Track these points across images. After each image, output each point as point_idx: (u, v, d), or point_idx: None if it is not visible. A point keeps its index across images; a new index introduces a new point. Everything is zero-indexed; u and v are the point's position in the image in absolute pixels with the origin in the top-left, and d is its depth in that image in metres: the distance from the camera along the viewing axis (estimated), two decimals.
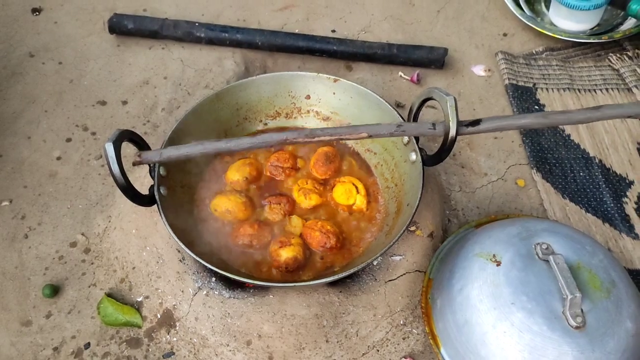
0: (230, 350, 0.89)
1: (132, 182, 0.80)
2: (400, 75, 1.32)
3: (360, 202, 0.99)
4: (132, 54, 1.35)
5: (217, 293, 0.92)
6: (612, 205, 1.09)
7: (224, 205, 0.96)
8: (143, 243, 0.99)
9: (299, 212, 0.99)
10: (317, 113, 1.10)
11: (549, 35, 1.35)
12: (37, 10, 1.45)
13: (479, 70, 1.33)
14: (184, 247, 0.84)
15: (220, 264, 0.89)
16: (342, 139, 0.83)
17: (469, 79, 1.32)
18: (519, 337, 0.77)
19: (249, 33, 1.32)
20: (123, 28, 1.35)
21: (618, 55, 1.32)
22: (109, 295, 0.97)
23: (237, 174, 1.00)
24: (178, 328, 0.93)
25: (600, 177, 1.13)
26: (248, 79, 1.07)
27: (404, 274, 0.95)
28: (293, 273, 0.91)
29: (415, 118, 0.92)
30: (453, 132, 0.79)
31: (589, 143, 1.19)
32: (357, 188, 1.00)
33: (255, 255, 0.93)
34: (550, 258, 0.80)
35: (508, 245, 0.85)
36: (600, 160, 1.16)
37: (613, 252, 1.04)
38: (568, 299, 0.76)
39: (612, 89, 1.27)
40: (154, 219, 0.99)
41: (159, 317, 0.95)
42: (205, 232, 0.96)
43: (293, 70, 1.27)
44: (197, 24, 1.34)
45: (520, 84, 1.29)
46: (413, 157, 0.95)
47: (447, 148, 0.82)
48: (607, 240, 1.05)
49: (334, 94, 1.08)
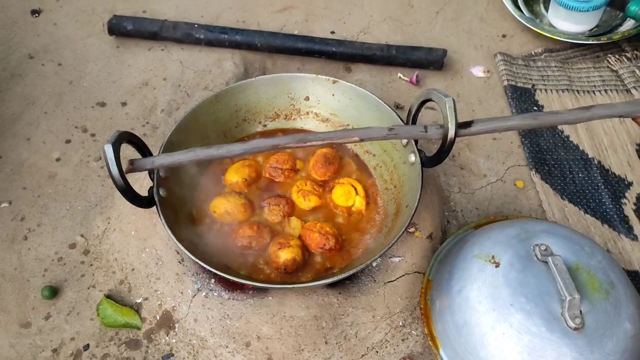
0: (230, 352, 0.89)
1: (131, 183, 0.80)
2: (400, 77, 1.32)
3: (359, 203, 0.99)
4: (131, 56, 1.35)
5: (216, 294, 0.92)
6: (611, 207, 1.09)
7: (223, 207, 0.96)
8: (142, 244, 0.99)
9: (298, 213, 0.99)
10: (316, 114, 1.10)
11: (548, 37, 1.35)
12: (36, 12, 1.45)
13: (478, 72, 1.33)
14: (183, 248, 0.84)
15: (219, 266, 0.89)
16: (334, 144, 0.82)
17: (468, 80, 1.32)
18: (518, 338, 0.77)
19: (248, 34, 1.32)
20: (122, 29, 1.35)
21: (617, 57, 1.32)
22: (108, 297, 0.97)
23: (236, 176, 1.01)
24: (177, 329, 0.93)
25: (599, 178, 1.13)
26: (247, 81, 1.07)
27: (403, 276, 0.95)
28: (292, 274, 0.91)
29: (414, 119, 0.92)
30: (452, 133, 0.80)
31: (588, 144, 1.19)
32: (356, 190, 1.00)
33: (255, 257, 0.93)
34: (549, 259, 0.80)
35: (507, 247, 0.85)
36: (599, 162, 1.16)
37: (612, 253, 1.04)
38: (567, 300, 0.76)
39: (610, 90, 1.27)
40: (153, 221, 0.99)
41: (158, 318, 0.95)
42: (205, 233, 0.96)
43: (292, 72, 1.27)
44: (196, 26, 1.34)
45: (519, 85, 1.29)
46: (412, 158, 0.95)
47: (446, 149, 0.83)
48: (606, 242, 1.05)
49: (333, 96, 1.08)
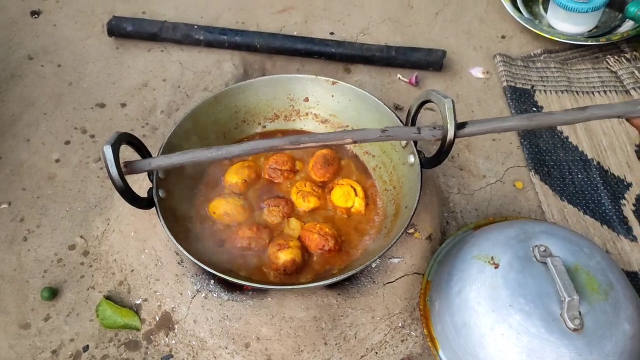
0: (229, 353, 0.89)
1: (130, 184, 0.80)
2: (399, 78, 1.32)
3: (359, 204, 0.99)
4: (131, 57, 1.35)
5: (215, 296, 0.92)
6: (610, 207, 1.09)
7: (223, 208, 0.96)
8: (142, 246, 0.99)
9: (298, 214, 0.99)
10: (315, 115, 1.11)
11: (547, 38, 1.35)
12: (36, 13, 1.45)
13: (477, 73, 1.33)
14: (183, 249, 0.84)
15: (219, 267, 0.88)
16: (327, 146, 0.82)
17: (467, 81, 1.32)
18: (517, 339, 0.77)
19: (248, 35, 1.32)
20: (122, 31, 1.35)
21: (616, 58, 1.32)
22: (108, 298, 0.97)
23: (235, 177, 1.01)
24: (177, 331, 0.93)
25: (599, 179, 1.14)
26: (247, 82, 1.07)
27: (402, 277, 0.95)
28: (291, 275, 0.91)
29: (414, 121, 0.92)
30: (451, 134, 0.80)
31: (587, 145, 1.19)
32: (355, 191, 1.00)
33: (254, 258, 0.93)
34: (548, 260, 0.80)
35: (506, 248, 0.85)
36: (599, 163, 1.16)
37: (611, 254, 1.04)
38: (566, 301, 0.76)
39: (610, 91, 1.27)
40: (153, 222, 0.99)
41: (158, 319, 0.95)
42: (204, 234, 0.96)
43: (292, 73, 1.27)
44: (196, 27, 1.34)
45: (519, 86, 1.29)
46: (411, 159, 0.95)
47: (445, 150, 0.83)
48: (605, 243, 1.05)
49: (333, 97, 1.08)
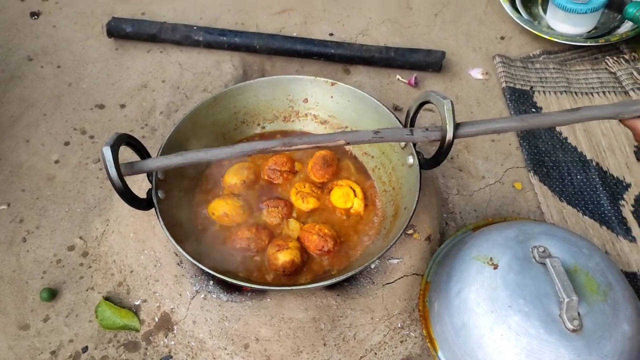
0: (228, 354, 0.89)
1: (129, 185, 0.80)
2: (398, 79, 1.32)
3: (358, 205, 0.99)
4: (130, 58, 1.36)
5: (214, 296, 0.92)
6: (609, 208, 1.09)
7: (222, 209, 0.96)
8: (141, 246, 0.99)
9: (297, 215, 0.99)
10: (314, 116, 1.11)
11: (546, 39, 1.35)
12: (35, 14, 1.45)
13: (477, 74, 1.34)
14: (182, 250, 0.84)
15: (218, 268, 0.88)
16: (319, 147, 0.83)
17: (467, 82, 1.32)
18: (516, 340, 0.77)
19: (247, 36, 1.32)
20: (121, 32, 1.36)
21: (615, 59, 1.32)
22: (107, 299, 0.97)
23: (234, 178, 1.01)
24: (176, 331, 0.93)
25: (598, 180, 1.14)
26: (246, 83, 1.07)
27: (402, 277, 0.95)
28: (290, 276, 0.91)
29: (413, 121, 0.92)
30: (450, 135, 0.80)
31: (586, 146, 1.19)
32: (354, 191, 1.00)
33: (253, 259, 0.93)
34: (547, 261, 0.80)
35: (505, 249, 0.85)
36: (598, 163, 1.16)
37: (610, 255, 1.04)
38: (565, 302, 0.76)
39: (609, 92, 1.28)
40: (152, 223, 0.99)
41: (157, 320, 0.95)
42: (203, 235, 0.96)
43: (291, 74, 1.27)
44: (195, 28, 1.34)
45: (518, 87, 1.29)
46: (410, 160, 0.95)
47: (444, 151, 0.83)
48: (604, 243, 1.05)
49: (332, 98, 1.08)
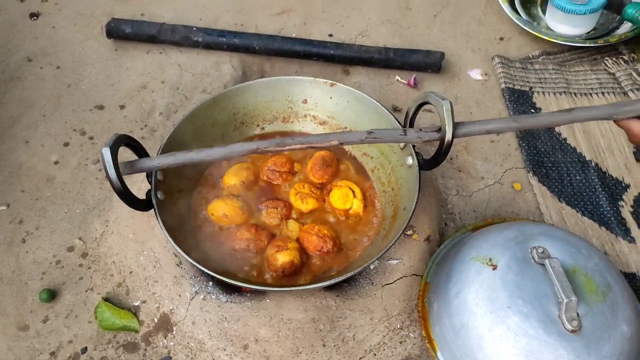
0: (227, 355, 0.89)
1: (129, 186, 0.80)
2: (397, 79, 1.32)
3: (357, 206, 0.99)
4: (129, 59, 1.36)
5: (214, 297, 0.92)
6: (608, 209, 1.10)
7: (221, 210, 0.96)
8: (140, 247, 0.99)
9: (296, 216, 0.99)
10: (314, 117, 1.11)
11: (545, 40, 1.35)
12: (35, 15, 1.45)
13: (476, 74, 1.34)
14: (181, 251, 0.84)
15: (217, 269, 0.88)
16: (312, 148, 0.83)
17: (466, 83, 1.33)
18: (515, 340, 0.77)
19: (247, 37, 1.33)
20: (121, 32, 1.36)
21: (614, 59, 1.33)
22: (106, 300, 0.97)
23: (234, 178, 1.01)
24: (175, 332, 0.93)
25: (597, 180, 1.14)
26: (245, 84, 1.07)
27: (401, 278, 0.96)
28: (290, 277, 0.91)
29: (412, 122, 0.92)
30: (449, 136, 0.80)
31: (585, 146, 1.19)
32: (353, 192, 1.00)
33: (252, 260, 0.93)
34: (546, 262, 0.80)
35: (504, 249, 0.85)
36: (597, 164, 1.16)
37: (609, 255, 1.04)
38: (564, 303, 0.76)
39: (608, 93, 1.28)
40: (151, 224, 0.99)
41: (156, 321, 0.95)
42: (202, 236, 0.96)
43: (290, 75, 1.28)
44: (194, 29, 1.34)
45: (517, 88, 1.29)
46: (409, 161, 0.95)
47: (443, 152, 0.83)
48: (603, 244, 1.05)
49: (331, 98, 1.08)
